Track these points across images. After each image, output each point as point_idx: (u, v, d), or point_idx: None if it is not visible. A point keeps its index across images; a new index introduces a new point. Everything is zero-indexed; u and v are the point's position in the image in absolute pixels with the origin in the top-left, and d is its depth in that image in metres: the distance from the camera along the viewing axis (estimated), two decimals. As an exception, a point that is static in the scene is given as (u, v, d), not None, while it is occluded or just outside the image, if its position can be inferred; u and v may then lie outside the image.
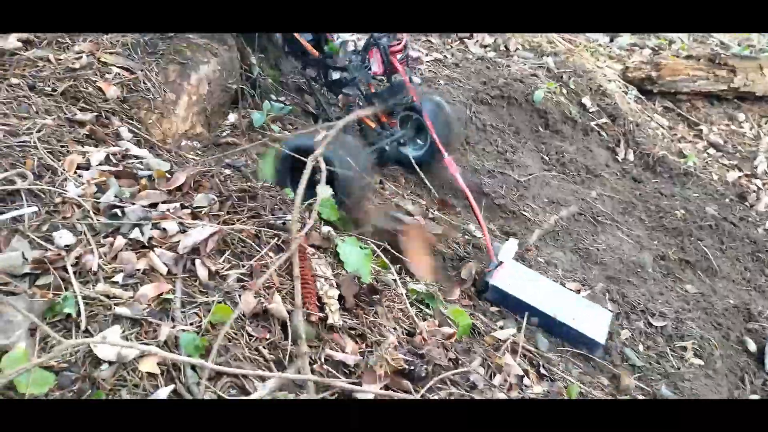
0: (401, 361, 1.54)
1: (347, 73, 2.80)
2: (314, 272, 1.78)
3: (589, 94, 4.35)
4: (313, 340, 1.59)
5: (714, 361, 2.61)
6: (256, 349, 1.49)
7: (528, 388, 1.82)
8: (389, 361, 1.53)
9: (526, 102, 4.03)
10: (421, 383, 1.55)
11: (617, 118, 4.28)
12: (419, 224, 2.42)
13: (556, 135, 4.01)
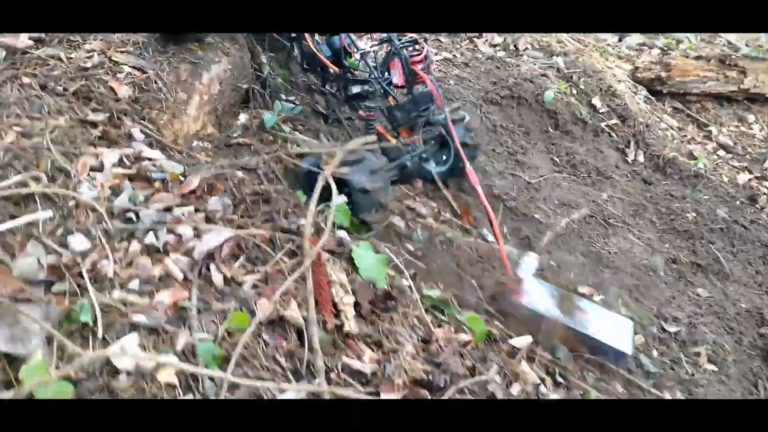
0: (420, 371, 1.52)
1: (368, 86, 2.74)
2: (329, 278, 1.76)
3: (599, 95, 4.31)
4: (329, 347, 1.57)
5: (727, 367, 2.59)
6: (272, 357, 1.47)
7: (545, 396, 1.80)
8: (407, 371, 1.51)
9: (536, 102, 4.00)
10: (439, 393, 1.53)
11: (627, 118, 4.23)
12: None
13: (566, 136, 3.97)
